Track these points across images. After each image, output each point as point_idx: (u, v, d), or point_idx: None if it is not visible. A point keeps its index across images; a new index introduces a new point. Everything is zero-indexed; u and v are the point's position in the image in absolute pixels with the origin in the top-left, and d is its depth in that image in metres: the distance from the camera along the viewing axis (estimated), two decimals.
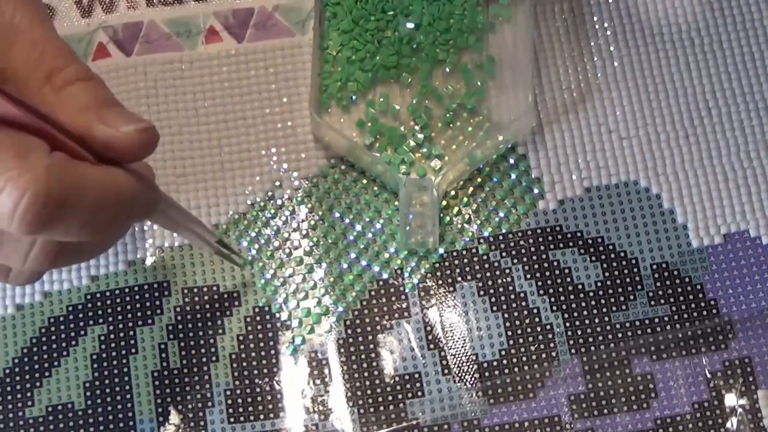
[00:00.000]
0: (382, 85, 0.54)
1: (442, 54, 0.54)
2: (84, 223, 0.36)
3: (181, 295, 0.51)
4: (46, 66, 0.37)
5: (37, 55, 0.38)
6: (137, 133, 0.37)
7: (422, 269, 0.51)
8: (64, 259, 0.39)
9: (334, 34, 0.54)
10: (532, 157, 0.53)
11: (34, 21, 0.38)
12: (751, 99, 0.53)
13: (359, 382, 0.49)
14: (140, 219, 0.43)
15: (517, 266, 0.51)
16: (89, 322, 0.50)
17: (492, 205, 0.52)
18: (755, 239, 0.51)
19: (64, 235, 0.36)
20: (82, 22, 0.56)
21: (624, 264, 0.51)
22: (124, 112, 0.38)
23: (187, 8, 0.56)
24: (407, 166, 0.52)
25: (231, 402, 0.49)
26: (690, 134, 0.53)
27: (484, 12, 0.55)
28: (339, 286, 0.51)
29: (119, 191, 0.37)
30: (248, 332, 0.50)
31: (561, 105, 0.54)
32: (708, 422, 0.48)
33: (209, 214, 0.52)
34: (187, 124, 0.54)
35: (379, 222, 0.52)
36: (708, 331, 0.49)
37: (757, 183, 0.52)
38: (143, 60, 0.55)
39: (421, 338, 0.50)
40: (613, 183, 0.52)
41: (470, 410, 0.49)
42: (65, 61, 0.38)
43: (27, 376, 0.50)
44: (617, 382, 0.49)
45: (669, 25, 0.55)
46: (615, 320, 0.50)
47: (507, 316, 0.50)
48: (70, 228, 0.35)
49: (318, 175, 0.53)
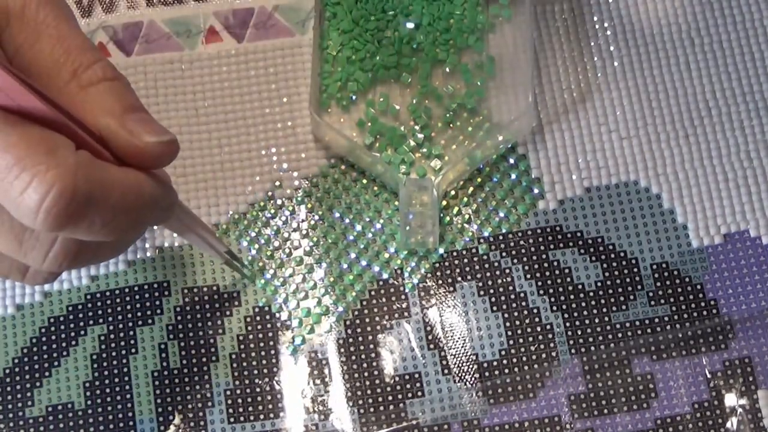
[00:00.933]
0: (382, 85, 0.54)
1: (442, 54, 0.54)
2: (106, 223, 0.36)
3: (181, 295, 0.51)
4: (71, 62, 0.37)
5: (63, 50, 0.38)
6: (159, 146, 0.38)
7: (422, 269, 0.51)
8: (82, 260, 0.39)
9: (334, 34, 0.54)
10: (532, 157, 0.53)
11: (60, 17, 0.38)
12: (751, 99, 0.53)
13: (359, 382, 0.49)
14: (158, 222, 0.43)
15: (517, 266, 0.51)
16: (89, 322, 0.50)
17: (492, 205, 0.52)
18: (755, 239, 0.51)
19: (87, 234, 0.36)
20: (82, 22, 0.56)
21: (624, 264, 0.51)
22: (148, 120, 0.38)
23: (187, 8, 0.56)
24: (407, 166, 0.52)
25: (231, 402, 0.49)
26: (690, 134, 0.53)
27: (484, 12, 0.55)
28: (339, 286, 0.51)
29: (142, 193, 0.37)
30: (248, 332, 0.50)
31: (561, 105, 0.54)
32: (708, 422, 0.48)
33: (209, 214, 0.52)
34: (187, 124, 0.54)
35: (379, 222, 0.52)
36: (708, 331, 0.49)
37: (757, 183, 0.52)
38: (143, 60, 0.55)
39: (421, 338, 0.50)
40: (613, 183, 0.52)
41: (470, 410, 0.49)
42: (91, 58, 0.38)
43: (27, 376, 0.50)
44: (617, 382, 0.49)
45: (669, 25, 0.55)
46: (615, 320, 0.50)
47: (507, 316, 0.50)
48: (93, 226, 0.36)
49: (318, 175, 0.53)
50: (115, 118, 0.37)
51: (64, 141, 0.35)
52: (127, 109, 0.38)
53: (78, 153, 0.35)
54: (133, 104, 0.38)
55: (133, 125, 0.37)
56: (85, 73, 0.37)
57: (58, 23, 0.38)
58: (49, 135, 0.34)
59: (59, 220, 0.34)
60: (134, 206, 0.37)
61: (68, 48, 0.38)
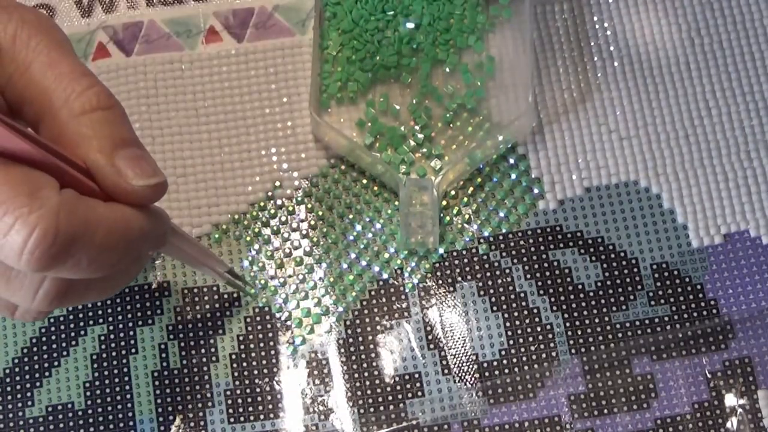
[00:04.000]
0: (382, 85, 0.54)
1: (442, 54, 0.54)
2: (92, 260, 0.36)
3: (181, 295, 0.51)
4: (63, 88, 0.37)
5: (54, 76, 0.37)
6: (146, 189, 0.38)
7: (422, 269, 0.51)
8: (72, 297, 0.39)
9: (334, 34, 0.54)
10: (532, 157, 0.53)
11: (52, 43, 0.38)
12: (751, 99, 0.53)
13: (359, 382, 0.49)
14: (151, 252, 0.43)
15: (517, 266, 0.51)
16: (89, 322, 0.50)
17: (492, 205, 0.52)
18: (755, 239, 0.51)
19: (74, 273, 0.36)
20: (82, 22, 0.56)
21: (624, 264, 0.51)
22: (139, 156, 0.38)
23: (187, 8, 0.56)
24: (407, 166, 0.52)
25: (231, 402, 0.49)
26: (690, 134, 0.53)
27: (484, 12, 0.55)
28: (339, 286, 0.51)
29: (129, 229, 0.37)
30: (248, 332, 0.50)
31: (561, 105, 0.54)
32: (708, 422, 0.48)
33: (209, 214, 0.52)
34: (187, 124, 0.54)
35: (379, 222, 0.52)
36: (708, 331, 0.49)
37: (757, 183, 0.52)
38: (143, 60, 0.55)
39: (421, 338, 0.50)
40: (613, 183, 0.52)
41: (470, 410, 0.49)
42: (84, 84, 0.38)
43: (27, 376, 0.50)
44: (617, 382, 0.49)
45: (669, 25, 0.55)
46: (615, 320, 0.50)
47: (507, 316, 0.50)
48: (79, 265, 0.36)
49: (318, 175, 0.53)
50: (104, 155, 0.37)
51: (48, 180, 0.35)
52: (118, 145, 0.37)
53: (62, 192, 0.35)
54: (125, 138, 0.38)
55: (122, 164, 0.37)
56: (78, 100, 0.37)
57: (50, 50, 0.38)
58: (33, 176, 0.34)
59: (43, 262, 0.34)
60: (121, 243, 0.37)
61: (60, 74, 0.37)
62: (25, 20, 0.38)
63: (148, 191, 0.38)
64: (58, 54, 0.38)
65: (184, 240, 0.45)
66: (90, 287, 0.39)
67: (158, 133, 0.53)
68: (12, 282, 0.37)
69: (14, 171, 0.34)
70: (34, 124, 0.38)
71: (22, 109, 0.38)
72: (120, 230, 0.37)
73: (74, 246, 0.35)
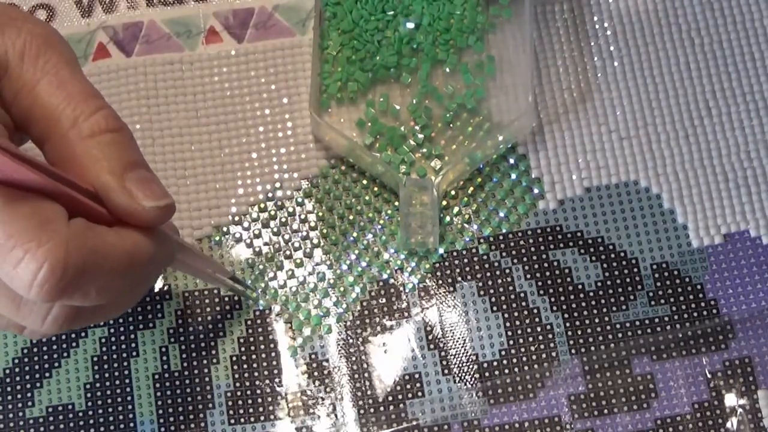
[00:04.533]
0: (382, 85, 0.54)
1: (442, 54, 0.54)
2: (101, 289, 0.36)
3: (182, 298, 0.51)
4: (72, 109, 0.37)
5: (63, 96, 0.37)
6: (155, 210, 0.38)
7: (422, 269, 0.51)
8: (81, 320, 0.39)
9: (334, 34, 0.54)
10: (532, 157, 0.53)
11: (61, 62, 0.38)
12: (751, 99, 0.53)
13: (359, 383, 0.49)
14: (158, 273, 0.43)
15: (517, 266, 0.51)
16: (89, 325, 0.50)
17: (492, 205, 0.52)
18: (755, 239, 0.51)
19: (83, 301, 0.36)
20: (82, 22, 0.56)
21: (624, 264, 0.51)
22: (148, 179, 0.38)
23: (187, 8, 0.56)
24: (407, 166, 0.52)
25: (231, 403, 0.49)
26: (690, 134, 0.53)
27: (484, 12, 0.55)
28: (339, 287, 0.51)
29: (139, 255, 0.37)
30: (249, 334, 0.50)
31: (561, 105, 0.54)
32: (708, 422, 0.48)
33: (209, 215, 0.52)
34: (188, 125, 0.54)
35: (379, 222, 0.52)
36: (708, 331, 0.50)
37: (757, 183, 0.52)
38: (143, 60, 0.55)
39: (421, 338, 0.50)
40: (613, 183, 0.52)
41: (470, 410, 0.49)
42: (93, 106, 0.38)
43: (27, 376, 0.50)
44: (617, 382, 0.49)
45: (669, 25, 0.55)
46: (615, 320, 0.50)
47: (507, 316, 0.50)
48: (88, 294, 0.36)
49: (318, 176, 0.53)
50: (115, 177, 0.37)
51: (57, 211, 0.35)
52: (127, 167, 0.37)
53: (71, 223, 0.35)
54: (134, 160, 0.38)
55: (132, 186, 0.37)
56: (87, 122, 0.37)
57: (58, 69, 0.38)
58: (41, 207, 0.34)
59: (52, 294, 0.34)
60: (130, 270, 0.37)
61: (69, 94, 0.37)
62: (34, 35, 0.38)
63: (158, 213, 0.38)
64: (66, 73, 0.38)
65: (190, 254, 0.45)
66: (98, 310, 0.40)
67: (158, 134, 0.53)
68: (22, 308, 0.37)
69: (23, 203, 0.34)
70: (39, 142, 0.39)
71: (29, 127, 0.38)
72: (129, 258, 0.37)
73: (83, 277, 0.35)
